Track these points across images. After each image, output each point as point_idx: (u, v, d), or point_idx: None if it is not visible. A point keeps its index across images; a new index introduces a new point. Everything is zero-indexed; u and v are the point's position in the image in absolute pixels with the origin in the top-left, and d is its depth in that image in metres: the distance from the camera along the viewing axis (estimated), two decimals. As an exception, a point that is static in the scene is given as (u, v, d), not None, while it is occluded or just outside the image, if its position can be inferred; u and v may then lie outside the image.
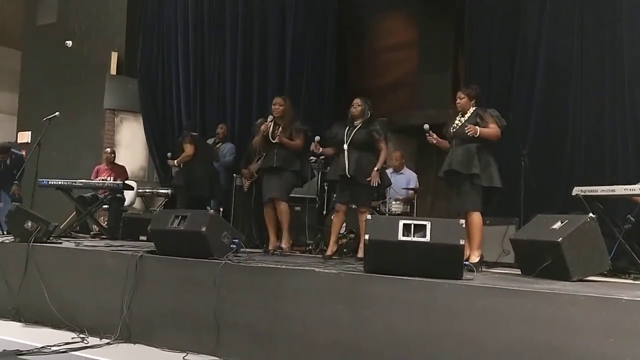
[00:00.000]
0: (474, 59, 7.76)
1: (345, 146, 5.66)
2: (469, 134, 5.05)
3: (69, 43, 10.34)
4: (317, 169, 7.40)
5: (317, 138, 5.84)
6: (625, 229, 5.07)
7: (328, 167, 6.37)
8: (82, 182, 7.74)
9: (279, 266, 4.39)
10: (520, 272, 4.65)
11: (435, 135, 5.36)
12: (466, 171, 5.11)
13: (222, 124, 8.49)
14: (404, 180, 7.56)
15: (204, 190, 7.36)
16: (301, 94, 8.63)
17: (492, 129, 5.16)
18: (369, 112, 5.75)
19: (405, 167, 7.78)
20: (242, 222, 7.47)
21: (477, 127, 5.09)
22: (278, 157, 5.96)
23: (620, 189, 5.27)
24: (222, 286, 4.34)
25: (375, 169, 5.59)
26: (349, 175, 5.60)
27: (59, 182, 7.55)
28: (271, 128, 6.00)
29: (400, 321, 3.72)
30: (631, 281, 4.83)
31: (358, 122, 5.73)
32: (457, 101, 5.36)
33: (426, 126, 5.34)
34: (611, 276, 4.85)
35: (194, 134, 7.65)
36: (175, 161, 7.36)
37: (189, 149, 7.26)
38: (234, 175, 7.99)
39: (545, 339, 3.29)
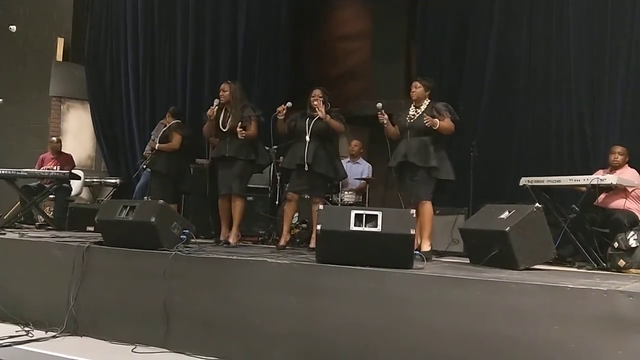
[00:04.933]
0: (426, 49, 7.85)
1: (307, 137, 5.65)
2: (427, 124, 5.09)
3: (13, 28, 9.97)
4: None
5: (289, 104, 5.70)
6: (570, 218, 5.20)
7: (281, 157, 6.32)
8: (26, 172, 7.52)
9: (231, 257, 4.35)
10: (469, 261, 4.73)
11: (387, 116, 5.34)
12: (424, 164, 5.14)
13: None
14: (359, 169, 7.59)
15: (183, 182, 6.88)
16: (254, 80, 8.54)
17: (448, 123, 5.22)
18: (328, 103, 5.76)
19: (361, 157, 7.80)
20: (194, 212, 7.35)
21: (436, 119, 5.13)
22: (231, 146, 5.84)
23: (565, 180, 5.40)
24: (173, 277, 4.28)
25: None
26: (307, 165, 5.57)
27: (3, 172, 7.33)
28: (222, 116, 5.91)
29: (352, 310, 3.74)
30: (575, 269, 4.95)
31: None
32: (413, 90, 5.37)
33: (379, 105, 5.33)
34: (557, 264, 4.98)
35: (178, 121, 7.03)
36: (157, 146, 6.67)
37: (177, 140, 6.71)
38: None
39: (494, 326, 3.35)
